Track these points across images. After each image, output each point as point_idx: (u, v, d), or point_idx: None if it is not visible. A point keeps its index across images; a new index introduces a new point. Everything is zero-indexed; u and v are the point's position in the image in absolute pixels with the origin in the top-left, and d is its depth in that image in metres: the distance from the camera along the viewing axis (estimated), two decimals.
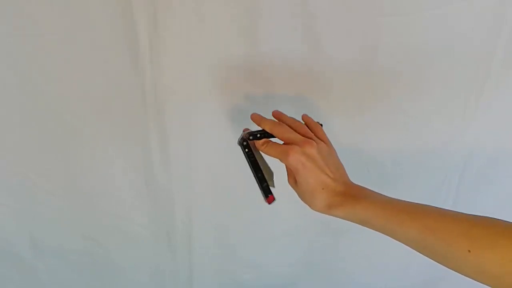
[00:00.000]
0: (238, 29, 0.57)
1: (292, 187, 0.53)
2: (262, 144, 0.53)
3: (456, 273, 0.43)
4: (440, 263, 0.44)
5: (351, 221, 0.50)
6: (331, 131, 0.56)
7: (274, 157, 0.51)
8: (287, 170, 0.53)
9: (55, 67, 0.58)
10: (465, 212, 0.44)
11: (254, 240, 0.82)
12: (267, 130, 0.53)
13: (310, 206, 0.52)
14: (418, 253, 0.46)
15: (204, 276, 0.86)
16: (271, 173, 0.56)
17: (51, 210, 0.73)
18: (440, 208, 0.46)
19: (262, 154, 0.55)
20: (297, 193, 0.53)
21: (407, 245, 0.46)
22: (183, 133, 0.65)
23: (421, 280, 0.92)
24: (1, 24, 0.54)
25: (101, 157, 0.68)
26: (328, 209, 0.50)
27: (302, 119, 0.56)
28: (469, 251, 0.40)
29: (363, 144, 0.69)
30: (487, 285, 0.40)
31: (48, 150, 0.67)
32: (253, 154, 0.55)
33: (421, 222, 0.45)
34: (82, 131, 0.65)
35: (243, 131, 0.56)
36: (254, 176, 0.55)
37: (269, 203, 0.55)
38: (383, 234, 0.48)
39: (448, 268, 0.43)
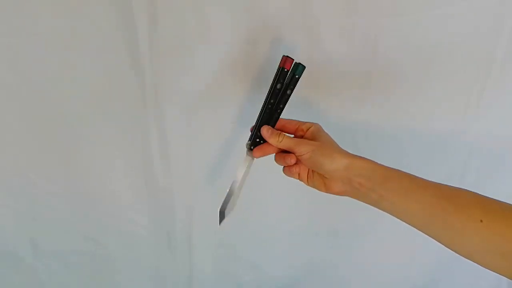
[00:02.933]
0: (238, 29, 0.57)
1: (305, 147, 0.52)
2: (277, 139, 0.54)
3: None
4: (447, 240, 0.42)
5: (367, 180, 0.48)
6: (329, 131, 0.56)
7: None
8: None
9: (55, 67, 0.58)
10: None
11: (254, 241, 0.82)
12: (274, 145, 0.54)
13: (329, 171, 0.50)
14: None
15: (204, 276, 0.85)
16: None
17: (51, 210, 0.73)
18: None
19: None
20: (310, 149, 0.51)
21: (415, 220, 0.45)
22: (183, 133, 0.65)
23: (421, 282, 0.91)
24: (1, 24, 0.54)
25: (101, 157, 0.68)
26: (349, 165, 0.49)
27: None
28: (481, 221, 0.38)
29: (363, 144, 0.69)
30: (492, 265, 0.39)
31: (48, 151, 0.67)
32: None
33: (435, 188, 0.44)
34: (82, 132, 0.65)
35: (251, 130, 0.56)
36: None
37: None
38: (391, 214, 0.47)
39: (456, 248, 0.42)
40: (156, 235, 0.77)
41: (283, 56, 0.53)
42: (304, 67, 0.53)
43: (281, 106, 0.54)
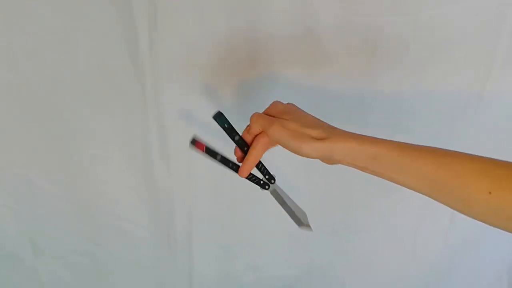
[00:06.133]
0: (238, 29, 0.57)
1: (278, 132, 0.47)
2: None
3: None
4: (458, 209, 0.40)
5: (354, 162, 0.44)
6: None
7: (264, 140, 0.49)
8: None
9: (55, 67, 0.58)
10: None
11: (254, 242, 0.82)
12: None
13: (304, 151, 0.45)
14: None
15: (204, 277, 0.85)
16: (303, 213, 0.58)
17: (51, 211, 0.73)
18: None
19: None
20: (285, 136, 0.46)
21: (419, 189, 0.42)
22: (183, 133, 0.65)
23: (421, 282, 0.92)
24: (1, 24, 0.54)
25: (101, 157, 0.68)
26: (328, 150, 0.44)
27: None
28: (490, 192, 0.36)
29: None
30: (507, 228, 0.37)
31: (48, 151, 0.67)
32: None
33: (437, 158, 0.40)
34: (82, 132, 0.65)
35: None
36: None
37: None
38: (396, 182, 0.43)
39: (466, 214, 0.39)
40: (156, 235, 0.77)
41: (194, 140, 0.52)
42: (221, 113, 0.51)
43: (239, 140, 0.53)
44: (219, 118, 0.52)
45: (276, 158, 0.69)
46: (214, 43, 0.58)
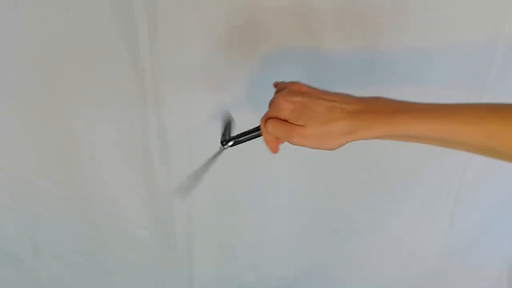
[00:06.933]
0: (238, 29, 0.57)
1: (300, 142, 0.44)
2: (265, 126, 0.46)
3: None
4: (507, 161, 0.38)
5: (391, 135, 0.41)
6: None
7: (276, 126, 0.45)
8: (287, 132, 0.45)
9: (55, 67, 0.58)
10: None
11: (254, 242, 0.82)
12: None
13: (331, 144, 0.42)
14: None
15: (204, 277, 0.85)
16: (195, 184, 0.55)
17: (51, 211, 0.73)
18: (496, 105, 0.39)
19: None
20: (309, 143, 0.43)
21: (466, 150, 0.39)
22: (183, 133, 0.65)
23: (421, 282, 0.91)
24: (1, 24, 0.54)
25: (101, 157, 0.68)
26: (356, 133, 0.41)
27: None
28: None
29: (364, 144, 0.69)
30: None
31: (48, 151, 0.67)
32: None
33: (485, 127, 0.37)
34: (82, 132, 0.65)
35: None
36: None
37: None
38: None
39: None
40: (156, 235, 0.77)
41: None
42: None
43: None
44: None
45: (276, 158, 0.69)
46: (214, 43, 0.58)
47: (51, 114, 0.63)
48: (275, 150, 0.48)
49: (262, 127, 0.47)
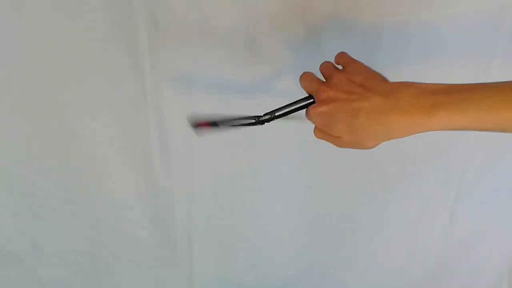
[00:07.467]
0: (238, 29, 0.57)
1: (345, 148, 0.43)
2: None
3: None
4: None
5: (429, 131, 0.38)
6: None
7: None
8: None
9: (55, 68, 0.58)
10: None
11: (254, 241, 0.82)
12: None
13: (368, 145, 0.41)
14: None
15: (204, 277, 0.85)
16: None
17: (51, 210, 0.73)
18: None
19: None
20: (352, 147, 0.43)
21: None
22: (183, 133, 0.65)
23: (421, 282, 0.91)
24: (1, 25, 0.54)
25: (101, 157, 0.68)
26: (391, 135, 0.39)
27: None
28: None
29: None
30: None
31: (48, 151, 0.67)
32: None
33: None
34: (82, 132, 0.65)
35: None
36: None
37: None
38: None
39: None
40: (156, 235, 0.77)
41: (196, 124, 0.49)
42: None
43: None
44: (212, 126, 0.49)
45: (276, 158, 0.69)
46: (214, 43, 0.58)
47: (51, 114, 0.63)
48: None
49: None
